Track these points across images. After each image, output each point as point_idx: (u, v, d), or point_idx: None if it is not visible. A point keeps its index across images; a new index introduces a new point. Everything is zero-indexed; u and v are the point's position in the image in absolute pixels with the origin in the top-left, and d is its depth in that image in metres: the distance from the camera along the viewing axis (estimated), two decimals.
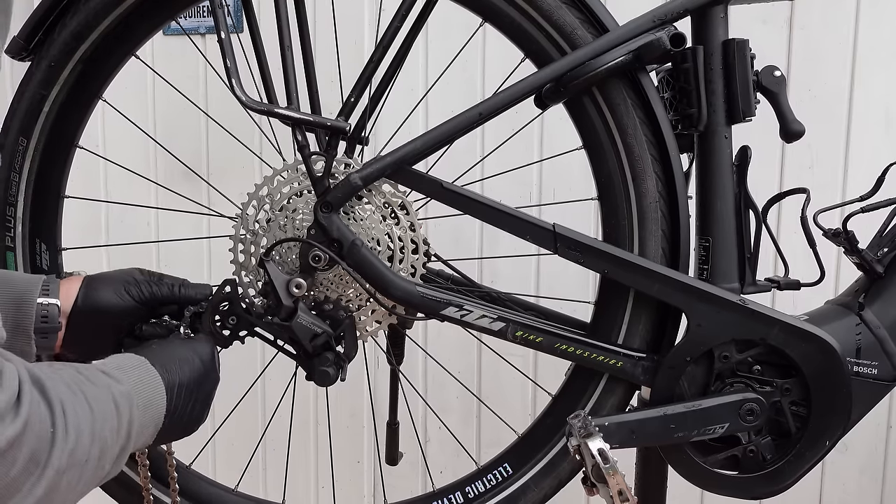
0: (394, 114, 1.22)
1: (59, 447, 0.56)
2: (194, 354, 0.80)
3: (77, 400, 0.60)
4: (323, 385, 0.90)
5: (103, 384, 0.66)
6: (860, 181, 1.59)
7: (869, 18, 1.61)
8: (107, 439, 0.63)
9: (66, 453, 0.57)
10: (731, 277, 0.95)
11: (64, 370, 0.64)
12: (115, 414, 0.65)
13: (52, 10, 0.96)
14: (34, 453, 0.54)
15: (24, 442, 0.53)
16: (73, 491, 0.60)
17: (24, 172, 0.99)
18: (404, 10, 0.96)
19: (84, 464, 0.60)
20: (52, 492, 0.56)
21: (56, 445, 0.56)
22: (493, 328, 0.93)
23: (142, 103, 1.89)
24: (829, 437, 0.94)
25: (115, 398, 0.66)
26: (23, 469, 0.53)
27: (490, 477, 1.01)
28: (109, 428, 0.64)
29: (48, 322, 0.80)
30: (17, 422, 0.52)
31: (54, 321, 0.80)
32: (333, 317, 0.93)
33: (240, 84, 0.89)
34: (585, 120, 0.95)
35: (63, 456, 0.56)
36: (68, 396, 0.59)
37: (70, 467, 0.58)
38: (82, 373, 0.65)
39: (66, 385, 0.60)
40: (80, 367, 0.66)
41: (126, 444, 0.67)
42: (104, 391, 0.65)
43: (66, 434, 0.57)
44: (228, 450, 1.85)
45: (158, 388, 0.73)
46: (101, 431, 0.62)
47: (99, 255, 1.92)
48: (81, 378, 0.64)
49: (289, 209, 0.95)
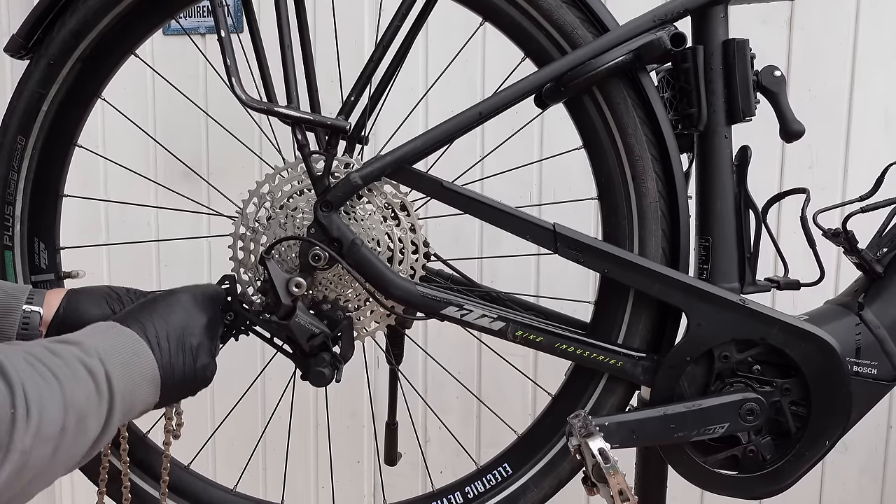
0: (394, 113, 1.22)
1: (20, 428, 0.56)
2: (168, 304, 0.78)
3: (39, 373, 0.60)
4: (318, 385, 0.90)
5: (68, 353, 0.66)
6: (860, 181, 1.59)
7: (869, 18, 1.61)
8: (82, 405, 0.63)
9: (31, 433, 0.57)
10: (731, 277, 0.94)
11: (25, 345, 0.64)
12: (87, 377, 0.65)
13: (52, 8, 0.96)
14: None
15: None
16: (57, 462, 0.60)
17: (23, 171, 0.99)
18: (404, 10, 0.96)
19: (60, 434, 0.60)
20: (22, 471, 0.56)
21: (17, 426, 0.56)
22: (493, 328, 0.93)
23: (142, 102, 1.88)
24: (828, 437, 0.93)
25: (83, 362, 0.65)
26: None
27: (490, 477, 1.01)
28: (84, 393, 0.63)
29: (28, 329, 0.81)
30: None
31: (34, 329, 0.82)
32: (331, 317, 0.93)
33: (240, 83, 0.89)
34: (585, 119, 0.95)
35: (27, 436, 0.56)
36: (28, 373, 0.59)
37: (39, 443, 0.58)
38: (46, 346, 0.65)
39: (25, 361, 0.60)
40: (43, 342, 0.66)
41: (112, 404, 0.67)
42: (70, 358, 0.65)
43: (27, 413, 0.57)
44: (228, 450, 1.84)
45: (137, 344, 0.72)
46: (72, 399, 0.62)
47: (98, 254, 1.92)
48: (44, 351, 0.64)
49: (289, 207, 0.95)
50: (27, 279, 1.02)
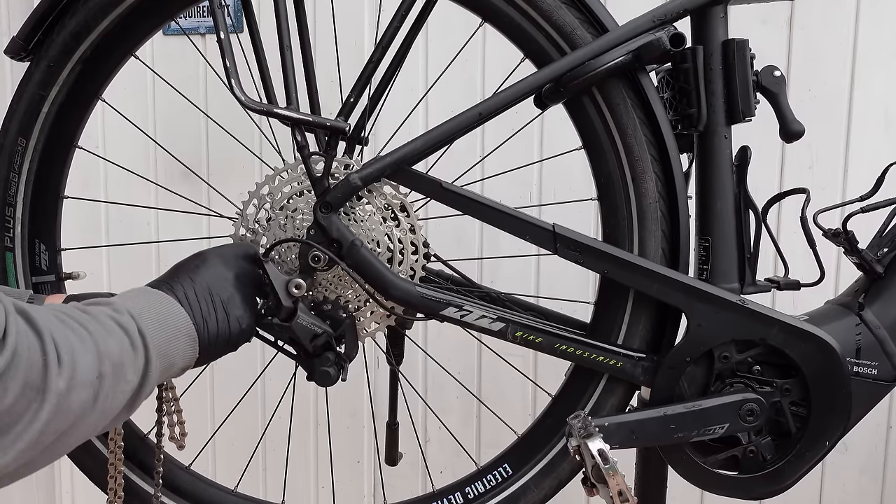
0: (394, 114, 1.22)
1: (53, 371, 0.58)
2: (193, 265, 0.82)
3: (69, 327, 0.62)
4: (324, 385, 0.90)
5: (98, 311, 0.68)
6: (860, 181, 1.59)
7: (869, 18, 1.61)
8: (117, 355, 0.65)
9: (65, 377, 0.58)
10: (731, 277, 0.94)
11: (54, 305, 0.66)
12: (119, 331, 0.67)
13: (51, 10, 0.96)
14: (28, 381, 0.56)
15: (15, 372, 0.55)
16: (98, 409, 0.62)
17: (24, 173, 0.99)
18: (404, 10, 0.96)
19: (98, 380, 0.62)
20: (62, 413, 0.58)
21: (50, 370, 0.58)
22: (493, 328, 0.93)
23: (141, 103, 1.89)
24: (829, 438, 0.93)
25: (114, 318, 0.68)
26: (18, 396, 0.55)
27: (490, 477, 1.01)
28: (117, 345, 0.66)
29: None
30: (4, 353, 0.54)
31: None
32: (333, 317, 0.92)
33: (239, 84, 0.89)
34: (585, 120, 0.95)
35: (61, 379, 0.58)
36: (56, 325, 0.61)
37: (76, 387, 0.60)
38: (76, 306, 0.68)
39: (55, 317, 0.62)
40: (73, 303, 0.69)
41: (148, 357, 0.69)
42: (100, 315, 0.67)
43: (58, 358, 0.58)
44: (228, 450, 1.85)
45: (167, 301, 0.75)
46: (106, 349, 0.64)
47: (98, 255, 1.92)
48: (73, 310, 0.66)
49: (289, 208, 0.95)
50: (28, 281, 1.02)
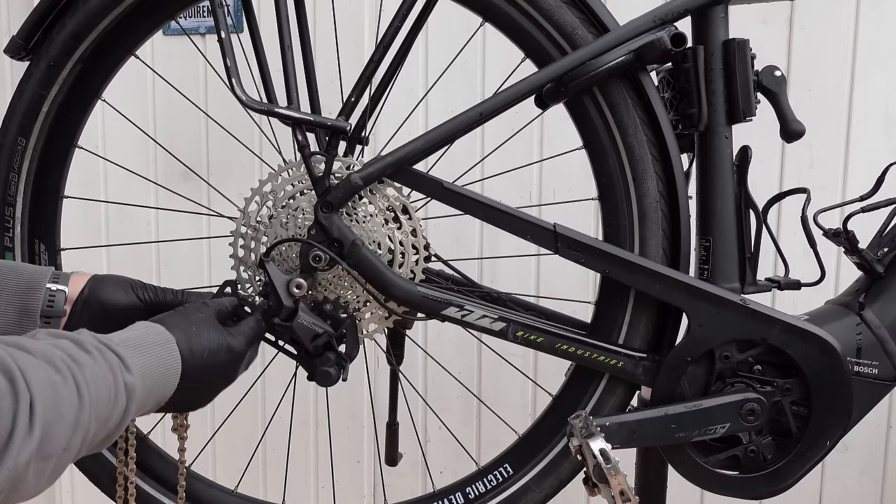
0: (394, 114, 1.22)
1: (16, 444, 0.54)
2: (225, 349, 0.78)
3: (61, 388, 0.59)
4: (325, 385, 0.90)
5: (108, 368, 0.64)
6: (860, 181, 1.59)
7: (869, 18, 1.61)
8: (90, 428, 0.62)
9: (29, 450, 0.55)
10: (732, 277, 0.94)
11: (64, 346, 0.63)
12: (110, 402, 0.64)
13: (51, 9, 0.95)
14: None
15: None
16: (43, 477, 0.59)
17: (23, 173, 0.99)
18: (404, 10, 0.96)
19: (61, 453, 0.59)
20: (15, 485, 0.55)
21: (13, 443, 0.54)
22: (494, 328, 0.93)
23: (141, 103, 1.88)
24: (829, 437, 0.93)
25: (116, 388, 0.64)
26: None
27: (491, 477, 1.01)
28: (98, 417, 0.62)
29: (53, 307, 0.81)
30: None
31: (60, 307, 0.81)
32: (334, 316, 0.92)
33: (240, 84, 0.89)
34: (586, 120, 0.95)
35: (23, 453, 0.54)
36: (45, 386, 0.57)
37: (37, 460, 0.56)
38: (89, 349, 0.64)
39: (53, 369, 0.59)
40: (90, 343, 0.65)
41: (113, 431, 0.66)
42: (106, 377, 0.64)
43: (28, 429, 0.55)
44: (228, 450, 1.84)
45: (171, 375, 0.73)
46: (87, 421, 0.60)
47: (98, 255, 1.91)
48: (84, 356, 0.63)
49: (291, 207, 0.95)
50: None
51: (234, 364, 0.80)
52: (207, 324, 0.79)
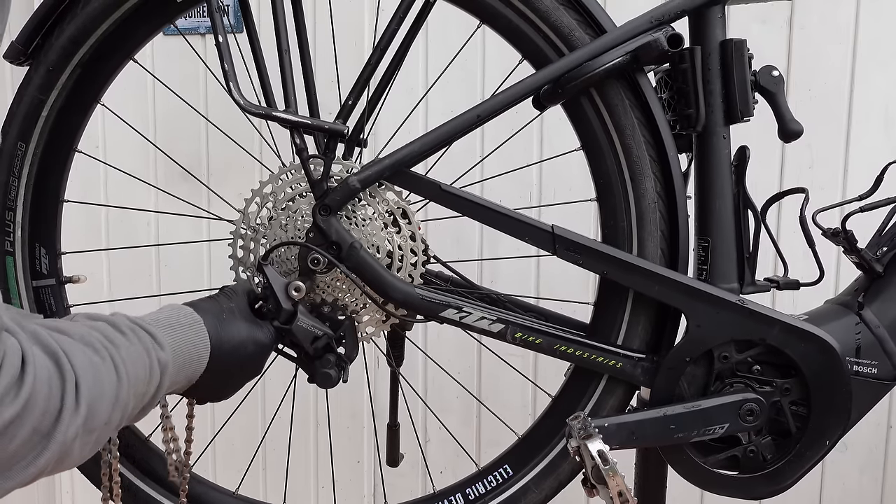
0: (393, 114, 1.22)
1: (65, 421, 0.58)
2: (252, 341, 0.82)
3: (101, 368, 0.62)
4: (325, 387, 0.90)
5: (142, 348, 0.68)
6: (860, 181, 1.59)
7: (869, 18, 1.61)
8: (128, 404, 0.66)
9: (76, 425, 0.59)
10: (731, 278, 0.94)
11: (100, 328, 0.66)
12: (145, 379, 0.68)
13: (50, 14, 0.96)
14: (37, 427, 0.56)
15: (25, 420, 0.55)
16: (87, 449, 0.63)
17: (23, 177, 0.99)
18: (402, 13, 0.96)
19: (103, 427, 0.63)
20: (61, 457, 0.59)
21: (62, 419, 0.58)
22: (493, 330, 0.93)
23: (141, 106, 1.89)
24: (829, 437, 0.93)
25: (150, 365, 0.69)
26: (24, 442, 0.56)
27: (490, 478, 1.01)
28: (135, 392, 0.67)
29: None
30: (16, 402, 0.54)
31: None
32: (333, 318, 0.93)
33: (238, 87, 0.89)
34: (583, 121, 0.95)
35: (70, 428, 0.58)
36: (87, 367, 0.61)
37: (83, 434, 0.60)
38: (124, 330, 0.68)
39: (92, 350, 0.62)
40: (125, 324, 0.69)
41: (148, 404, 0.71)
42: (141, 356, 0.68)
43: (76, 407, 0.59)
44: (229, 451, 1.85)
45: (201, 354, 0.76)
46: (125, 398, 0.65)
47: (99, 259, 1.92)
48: (119, 337, 0.67)
49: (292, 209, 0.95)
50: (28, 284, 1.02)
51: (260, 356, 0.83)
52: (236, 314, 0.82)
